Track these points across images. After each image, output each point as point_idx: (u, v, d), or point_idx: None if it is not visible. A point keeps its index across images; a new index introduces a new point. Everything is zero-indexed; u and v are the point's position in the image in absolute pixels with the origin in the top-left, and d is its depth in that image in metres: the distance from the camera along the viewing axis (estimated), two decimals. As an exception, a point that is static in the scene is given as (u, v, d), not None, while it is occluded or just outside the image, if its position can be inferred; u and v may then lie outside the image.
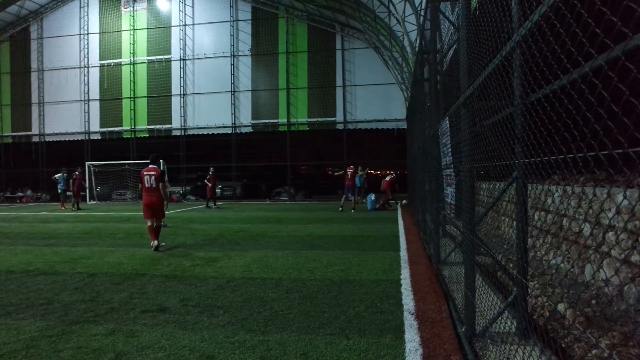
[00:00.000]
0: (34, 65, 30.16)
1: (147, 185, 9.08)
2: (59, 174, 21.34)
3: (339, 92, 26.16)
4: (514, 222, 3.57)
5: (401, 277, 6.19)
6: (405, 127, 21.75)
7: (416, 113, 12.05)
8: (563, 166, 2.10)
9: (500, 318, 3.72)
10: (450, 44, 7.27)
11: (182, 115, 27.98)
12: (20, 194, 29.33)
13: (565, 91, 1.96)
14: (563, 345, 3.92)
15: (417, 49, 12.11)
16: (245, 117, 27.30)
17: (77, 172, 21.38)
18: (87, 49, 29.42)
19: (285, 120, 26.73)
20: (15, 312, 4.90)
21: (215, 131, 27.48)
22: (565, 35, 1.84)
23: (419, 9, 13.13)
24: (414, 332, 3.99)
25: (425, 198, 9.24)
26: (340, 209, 17.89)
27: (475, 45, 3.91)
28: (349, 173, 17.86)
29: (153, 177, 9.10)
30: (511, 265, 5.77)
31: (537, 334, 3.62)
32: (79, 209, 20.79)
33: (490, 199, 4.73)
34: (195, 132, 27.83)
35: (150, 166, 9.26)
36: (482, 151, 3.83)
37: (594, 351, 3.74)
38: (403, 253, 8.09)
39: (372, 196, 18.84)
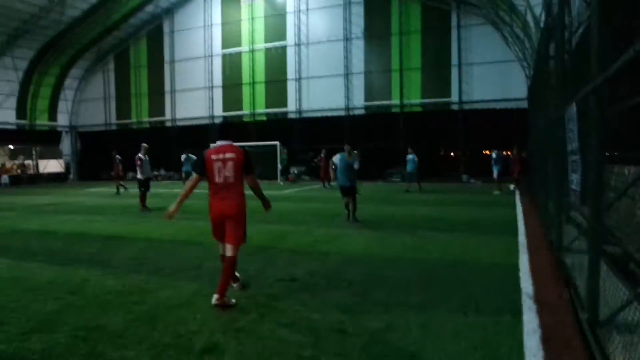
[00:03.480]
0: (166, 57, 33.44)
1: (218, 179, 4.76)
2: (184, 155, 22.12)
3: (454, 71, 25.38)
4: None
5: (519, 261, 6.18)
6: (526, 107, 20.51)
7: (539, 93, 11.45)
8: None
9: (629, 309, 3.67)
10: (580, 20, 6.87)
11: (298, 98, 29.21)
12: (156, 173, 32.86)
13: None
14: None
15: (541, 24, 11.45)
16: (358, 100, 27.73)
17: (117, 157, 20.53)
18: (211, 39, 31.83)
19: (398, 102, 26.69)
20: (173, 273, 5.86)
21: (329, 114, 28.30)
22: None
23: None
24: (532, 315, 4.09)
25: (547, 183, 8.88)
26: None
27: (608, 26, 3.79)
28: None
29: (231, 164, 4.75)
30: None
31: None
32: (117, 193, 19.72)
33: (623, 185, 4.56)
34: (310, 114, 28.92)
35: (222, 143, 4.89)
36: (613, 139, 3.75)
37: None
38: (521, 238, 7.95)
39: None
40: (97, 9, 29.16)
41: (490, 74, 24.22)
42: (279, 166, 25.99)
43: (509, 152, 19.52)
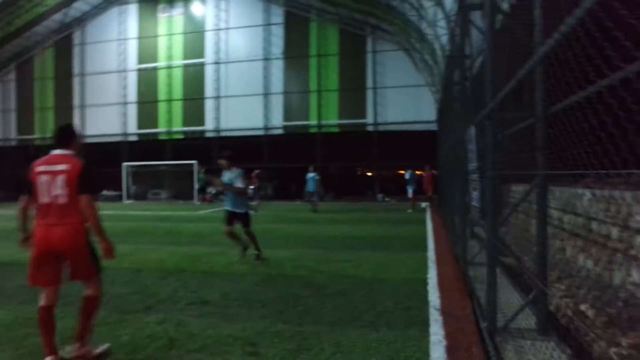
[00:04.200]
0: (76, 70, 31.58)
1: (44, 198, 3.59)
2: None
3: (369, 94, 26.46)
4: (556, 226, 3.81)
5: (428, 276, 6.47)
6: (436, 129, 21.80)
7: (446, 116, 12.24)
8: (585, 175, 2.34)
9: (521, 315, 3.98)
10: (479, 50, 7.48)
11: (216, 117, 28.79)
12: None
13: (589, 103, 2.17)
14: (583, 344, 4.14)
15: (447, 53, 12.29)
16: (277, 119, 27.92)
17: None
18: (126, 53, 30.61)
19: (316, 122, 27.19)
20: (75, 302, 5.39)
21: (248, 133, 28.18)
22: (587, 52, 2.05)
23: (450, 14, 13.30)
24: (438, 326, 4.29)
25: (454, 200, 9.44)
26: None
27: (500, 57, 4.17)
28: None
29: (62, 178, 3.56)
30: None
31: (557, 331, 3.86)
32: None
33: (518, 201, 4.97)
34: (228, 133, 28.61)
35: (56, 152, 3.71)
36: (506, 159, 4.10)
37: (613, 349, 3.95)
38: (431, 253, 8.35)
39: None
40: (-4, 12, 27.05)
41: (403, 97, 25.55)
42: (196, 186, 25.33)
43: (421, 172, 20.46)
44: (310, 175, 18.14)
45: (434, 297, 5.34)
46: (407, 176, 19.32)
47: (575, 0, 1.93)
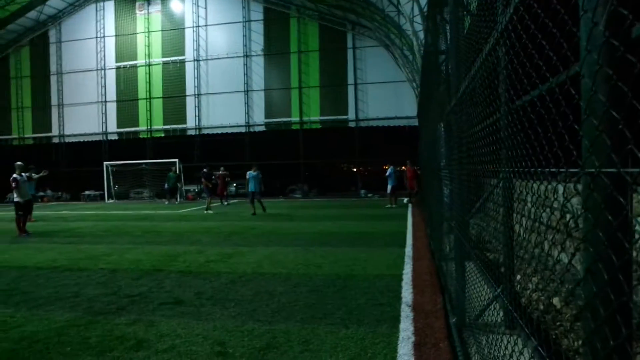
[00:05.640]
0: (53, 68, 31.03)
1: None
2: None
3: (350, 90, 26.47)
4: (524, 221, 3.85)
5: (403, 272, 6.51)
6: (417, 124, 21.92)
7: (424, 112, 12.30)
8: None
9: (490, 310, 4.02)
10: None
11: (197, 115, 28.57)
12: (42, 194, 30.12)
13: (553, 96, 2.17)
14: (553, 337, 4.20)
15: (422, 50, 12.34)
16: (259, 116, 27.79)
17: None
18: (104, 51, 30.19)
19: (297, 119, 27.14)
20: (45, 304, 5.35)
21: (229, 130, 28.04)
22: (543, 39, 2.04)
23: (425, 10, 13.35)
24: (408, 322, 4.31)
25: (431, 195, 9.50)
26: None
27: (465, 52, 4.19)
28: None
29: None
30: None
31: (526, 325, 3.91)
32: None
33: (482, 199, 5.02)
34: (210, 131, 28.43)
35: None
36: (472, 154, 4.12)
37: (580, 341, 4.02)
38: (408, 249, 8.40)
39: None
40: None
41: (384, 93, 25.62)
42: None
43: (404, 167, 20.55)
44: (253, 174, 16.05)
45: (407, 293, 5.38)
46: (387, 172, 19.38)
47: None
